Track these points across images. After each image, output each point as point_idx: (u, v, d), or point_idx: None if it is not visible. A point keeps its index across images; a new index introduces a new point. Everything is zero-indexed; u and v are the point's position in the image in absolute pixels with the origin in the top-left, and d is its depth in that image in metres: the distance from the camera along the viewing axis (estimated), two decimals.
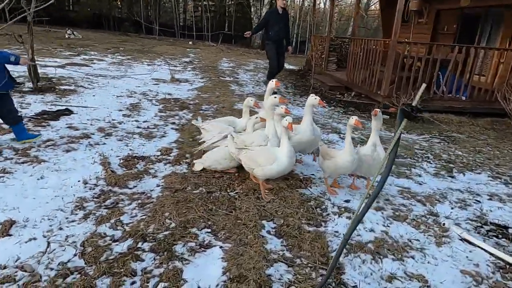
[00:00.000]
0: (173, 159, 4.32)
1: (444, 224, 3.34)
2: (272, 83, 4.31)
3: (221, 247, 2.68)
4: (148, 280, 2.29)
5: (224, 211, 3.17)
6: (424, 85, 1.64)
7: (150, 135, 5.14)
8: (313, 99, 3.89)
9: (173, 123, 5.85)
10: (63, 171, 3.72)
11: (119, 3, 32.71)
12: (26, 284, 2.15)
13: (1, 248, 2.47)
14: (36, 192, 3.25)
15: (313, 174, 4.13)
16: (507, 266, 2.81)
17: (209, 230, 2.89)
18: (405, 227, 3.22)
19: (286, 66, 16.00)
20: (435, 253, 2.89)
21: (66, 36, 18.92)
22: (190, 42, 25.80)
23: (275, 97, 3.83)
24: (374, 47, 9.58)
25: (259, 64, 16.18)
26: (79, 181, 3.55)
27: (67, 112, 5.78)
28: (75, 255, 2.48)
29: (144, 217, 3.02)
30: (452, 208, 3.80)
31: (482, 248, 3.03)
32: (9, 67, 4.03)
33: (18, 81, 4.04)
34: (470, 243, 3.11)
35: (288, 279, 2.37)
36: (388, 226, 3.20)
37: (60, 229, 2.77)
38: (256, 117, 4.17)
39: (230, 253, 2.57)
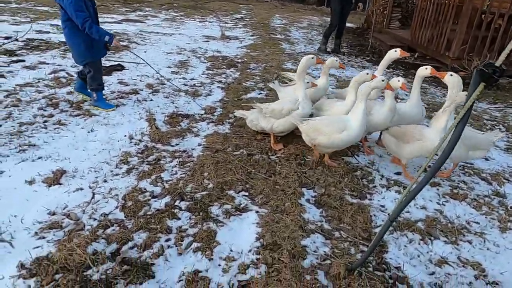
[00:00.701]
0: (216, 118, 4.26)
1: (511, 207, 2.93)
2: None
3: (257, 212, 2.60)
4: (182, 239, 2.30)
5: (263, 175, 3.06)
6: None
7: (196, 93, 5.09)
8: (423, 70, 3.30)
9: (220, 81, 5.74)
10: (111, 126, 3.83)
11: None
12: (71, 231, 2.26)
13: (52, 195, 2.62)
14: (85, 145, 3.39)
15: (360, 142, 3.82)
16: None
17: (246, 194, 2.82)
18: (463, 207, 2.88)
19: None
20: (498, 239, 2.56)
21: None
22: None
23: (312, 58, 3.50)
24: (446, 1, 8.41)
25: (313, 21, 15.24)
26: (125, 135, 3.63)
27: (119, 67, 5.91)
28: (116, 207, 2.56)
29: (183, 175, 3.02)
30: None
31: None
32: None
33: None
34: None
35: (324, 252, 2.24)
36: (444, 205, 2.88)
37: (105, 181, 2.87)
38: (308, 82, 3.87)
39: (266, 219, 2.49)
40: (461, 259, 2.33)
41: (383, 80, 3.07)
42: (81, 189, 2.74)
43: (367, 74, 3.24)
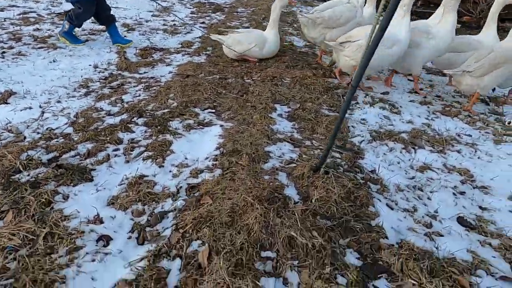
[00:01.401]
0: (193, 51, 3.94)
1: (510, 122, 2.63)
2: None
3: (221, 126, 2.34)
4: (133, 149, 2.05)
5: (234, 94, 2.77)
6: None
7: (175, 31, 4.74)
8: None
9: (203, 22, 5.35)
10: (77, 57, 3.53)
11: None
12: (7, 143, 2.03)
13: None
14: (44, 72, 3.12)
15: None
16: None
17: (212, 111, 2.55)
18: (455, 122, 2.59)
19: None
20: (491, 150, 2.28)
21: None
22: None
23: None
24: None
25: None
26: (90, 65, 3.35)
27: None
28: (65, 124, 2.31)
29: (147, 97, 2.75)
30: None
31: None
32: None
33: None
34: None
35: (291, 157, 1.98)
36: (433, 120, 2.59)
37: (59, 102, 2.61)
38: None
39: (230, 132, 2.22)
40: (447, 166, 2.07)
41: None
42: (30, 108, 2.49)
43: None
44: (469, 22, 7.46)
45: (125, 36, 4.28)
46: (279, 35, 3.58)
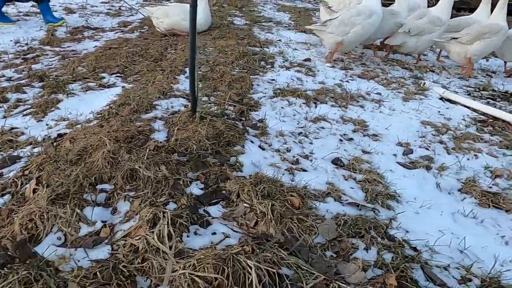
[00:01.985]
0: (128, 29, 3.85)
1: (424, 84, 2.62)
2: None
3: (123, 87, 2.25)
4: (17, 107, 1.95)
5: (148, 61, 2.70)
6: None
7: (118, 14, 4.64)
8: None
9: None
10: (0, 34, 3.40)
11: None
12: None
13: None
14: None
15: (279, 40, 3.46)
16: (489, 120, 2.12)
17: (120, 75, 2.46)
18: (369, 84, 2.57)
19: None
20: (397, 106, 2.26)
21: None
22: None
23: None
24: None
25: None
26: (11, 40, 3.22)
27: None
28: None
29: (58, 66, 2.64)
30: (447, 78, 3.02)
31: (464, 105, 2.33)
32: None
33: None
34: (451, 102, 2.41)
35: (179, 109, 1.91)
36: (347, 82, 2.56)
37: None
38: None
39: (128, 90, 2.14)
40: (344, 117, 2.03)
41: None
42: None
43: None
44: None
45: (61, 19, 4.16)
46: (209, 10, 3.53)
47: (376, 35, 3.13)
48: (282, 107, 2.06)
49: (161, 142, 1.50)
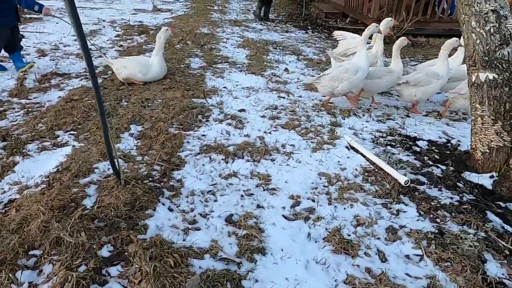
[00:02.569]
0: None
1: (337, 132, 3.09)
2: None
3: (73, 146, 2.67)
4: None
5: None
6: None
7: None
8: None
9: (121, 45, 5.70)
10: None
11: None
12: None
13: None
14: None
15: (225, 87, 3.91)
16: (375, 170, 2.58)
17: (73, 133, 2.87)
18: (289, 135, 3.02)
19: None
20: (304, 157, 2.70)
21: None
22: None
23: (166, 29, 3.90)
24: None
25: None
26: None
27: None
28: None
29: (22, 122, 3.05)
30: (367, 121, 3.49)
31: (361, 154, 2.79)
32: None
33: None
34: (355, 150, 2.87)
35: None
36: (270, 133, 3.01)
37: None
38: None
39: (75, 151, 2.56)
40: (253, 173, 2.46)
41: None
42: None
43: None
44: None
45: (34, 63, 4.56)
46: (163, 61, 3.97)
47: (375, 90, 3.78)
48: (203, 164, 2.50)
49: (87, 209, 1.92)
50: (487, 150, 2.56)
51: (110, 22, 7.56)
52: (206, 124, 3.05)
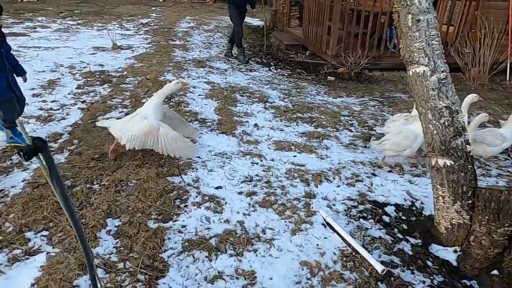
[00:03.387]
0: (58, 146, 4.10)
1: (312, 207, 3.22)
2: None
3: (48, 252, 2.56)
4: None
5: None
6: None
7: (49, 118, 4.85)
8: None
9: (84, 101, 5.53)
10: None
11: None
12: None
13: None
14: None
15: (199, 157, 3.93)
16: (352, 254, 2.72)
17: (45, 233, 2.76)
18: (267, 214, 3.10)
19: (252, 22, 15.20)
20: (285, 243, 2.79)
21: (19, 0, 17.66)
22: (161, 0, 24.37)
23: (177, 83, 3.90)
24: (323, 1, 8.92)
25: (222, 23, 15.30)
26: None
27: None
28: None
29: None
30: (338, 186, 3.67)
31: (337, 233, 2.93)
32: None
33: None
34: (331, 227, 3.01)
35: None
36: (249, 215, 3.08)
37: None
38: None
39: (51, 261, 2.46)
40: (238, 270, 2.51)
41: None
42: None
43: None
44: (343, 73, 8.60)
45: None
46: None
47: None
48: (187, 266, 2.50)
49: None
50: (450, 226, 2.81)
51: (69, 68, 7.31)
52: (185, 211, 3.05)
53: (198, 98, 5.83)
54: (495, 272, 2.55)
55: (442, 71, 2.62)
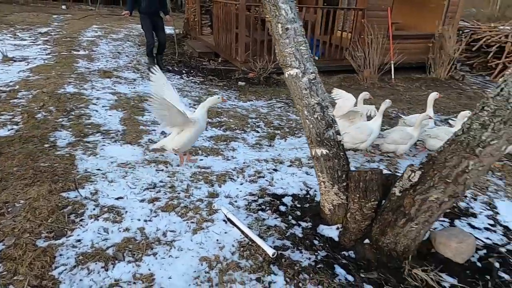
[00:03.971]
0: None
1: (214, 206, 3.37)
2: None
3: None
4: None
5: None
6: None
7: None
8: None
9: None
10: None
11: None
12: None
13: None
14: None
15: (99, 169, 3.82)
16: (248, 243, 2.93)
17: None
18: (169, 218, 3.16)
19: (166, 30, 14.99)
20: (186, 243, 2.88)
21: None
22: (64, 6, 22.62)
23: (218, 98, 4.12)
24: (230, 9, 9.26)
25: (133, 31, 14.84)
26: None
27: None
28: None
29: None
30: (241, 184, 3.88)
31: (237, 227, 3.12)
32: None
33: None
34: (232, 222, 3.18)
35: None
36: (150, 221, 3.10)
37: None
38: None
39: None
40: (136, 275, 2.53)
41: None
42: None
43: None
44: (253, 78, 9.00)
45: None
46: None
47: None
48: (80, 280, 2.44)
49: None
50: (332, 207, 3.19)
51: None
52: (81, 225, 2.95)
53: (101, 110, 5.62)
54: (366, 241, 2.99)
55: (311, 72, 3.00)
